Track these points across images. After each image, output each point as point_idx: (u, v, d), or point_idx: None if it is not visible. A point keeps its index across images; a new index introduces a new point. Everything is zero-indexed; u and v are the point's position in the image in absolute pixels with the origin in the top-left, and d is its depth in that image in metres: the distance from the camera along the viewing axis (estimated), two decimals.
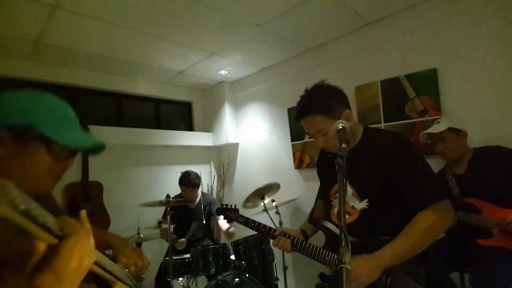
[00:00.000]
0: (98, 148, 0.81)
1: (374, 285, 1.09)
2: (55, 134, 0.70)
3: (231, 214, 1.52)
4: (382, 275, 1.09)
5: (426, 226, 1.06)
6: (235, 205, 1.59)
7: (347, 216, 1.25)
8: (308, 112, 1.21)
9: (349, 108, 1.24)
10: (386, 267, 1.07)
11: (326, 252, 1.26)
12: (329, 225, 1.30)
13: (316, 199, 1.45)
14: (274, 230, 1.38)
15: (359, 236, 1.19)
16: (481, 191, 1.63)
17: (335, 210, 1.33)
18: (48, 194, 0.86)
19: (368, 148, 1.19)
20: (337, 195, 1.31)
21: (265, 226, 1.40)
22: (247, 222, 1.44)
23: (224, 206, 1.59)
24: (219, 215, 1.60)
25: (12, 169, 0.71)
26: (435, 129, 1.79)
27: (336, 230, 1.27)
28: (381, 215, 1.17)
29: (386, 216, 1.17)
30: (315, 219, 1.37)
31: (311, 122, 1.21)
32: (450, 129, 1.74)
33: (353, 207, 1.23)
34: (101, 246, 0.95)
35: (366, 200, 1.19)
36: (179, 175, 2.82)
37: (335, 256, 1.22)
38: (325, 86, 1.25)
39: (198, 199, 2.89)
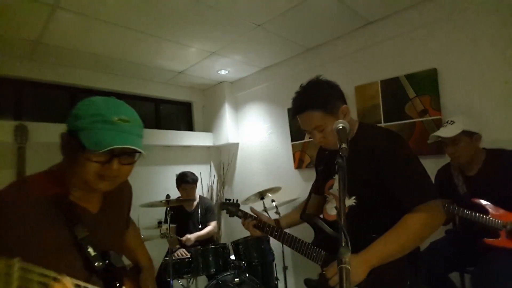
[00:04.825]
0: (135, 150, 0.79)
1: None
2: (85, 138, 0.72)
3: (232, 209, 1.58)
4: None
5: (415, 228, 1.04)
6: (237, 200, 1.65)
7: (335, 212, 1.24)
8: (305, 108, 1.17)
9: (346, 103, 1.22)
10: (374, 266, 1.04)
11: (313, 247, 1.24)
12: (319, 221, 1.28)
13: (310, 193, 1.43)
14: (269, 225, 1.41)
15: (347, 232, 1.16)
16: (490, 194, 1.61)
17: (327, 206, 1.31)
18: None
19: (360, 145, 1.16)
20: (330, 191, 1.30)
21: (260, 220, 1.43)
22: (245, 216, 1.48)
23: (227, 201, 1.65)
24: (223, 210, 1.67)
25: (69, 172, 0.77)
26: (446, 132, 1.66)
27: (326, 227, 1.24)
28: (369, 213, 1.15)
29: (373, 214, 1.15)
30: (307, 215, 1.34)
31: (308, 119, 1.18)
32: (464, 132, 1.62)
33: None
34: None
35: (354, 197, 1.17)
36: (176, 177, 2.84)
37: (322, 252, 1.20)
38: (321, 81, 1.22)
39: (196, 203, 2.89)
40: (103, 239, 0.84)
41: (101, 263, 0.78)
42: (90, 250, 0.76)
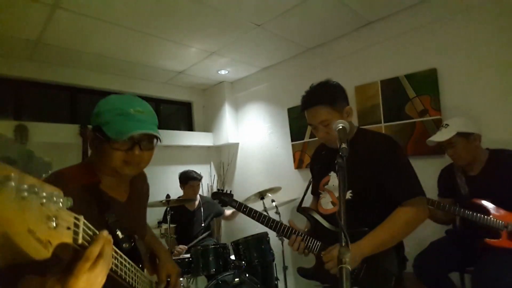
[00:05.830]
0: (151, 136, 0.91)
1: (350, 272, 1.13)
2: (109, 130, 0.83)
3: (226, 198, 1.56)
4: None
5: (406, 219, 1.17)
6: (230, 191, 1.63)
7: (332, 206, 1.34)
8: (315, 103, 1.28)
9: (349, 105, 1.34)
10: (367, 255, 1.14)
11: (309, 238, 1.30)
12: (315, 214, 1.35)
13: (306, 189, 1.53)
14: (265, 215, 1.42)
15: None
16: (491, 194, 1.61)
17: (322, 201, 1.39)
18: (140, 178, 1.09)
19: (359, 146, 1.26)
20: (326, 187, 1.39)
21: (256, 211, 1.43)
22: (240, 207, 1.47)
23: (220, 191, 1.62)
24: (215, 199, 1.63)
25: (99, 163, 0.89)
26: (441, 136, 1.69)
27: (321, 220, 1.34)
28: (363, 208, 1.24)
29: (367, 210, 1.24)
30: (303, 208, 1.41)
31: (316, 113, 1.28)
32: (459, 134, 1.63)
33: (338, 197, 1.30)
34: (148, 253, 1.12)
35: (350, 191, 1.26)
36: (178, 175, 2.84)
37: (317, 243, 1.28)
38: (330, 82, 1.35)
39: (197, 202, 2.89)
40: (129, 225, 0.92)
41: (127, 245, 0.86)
42: (119, 233, 0.85)
